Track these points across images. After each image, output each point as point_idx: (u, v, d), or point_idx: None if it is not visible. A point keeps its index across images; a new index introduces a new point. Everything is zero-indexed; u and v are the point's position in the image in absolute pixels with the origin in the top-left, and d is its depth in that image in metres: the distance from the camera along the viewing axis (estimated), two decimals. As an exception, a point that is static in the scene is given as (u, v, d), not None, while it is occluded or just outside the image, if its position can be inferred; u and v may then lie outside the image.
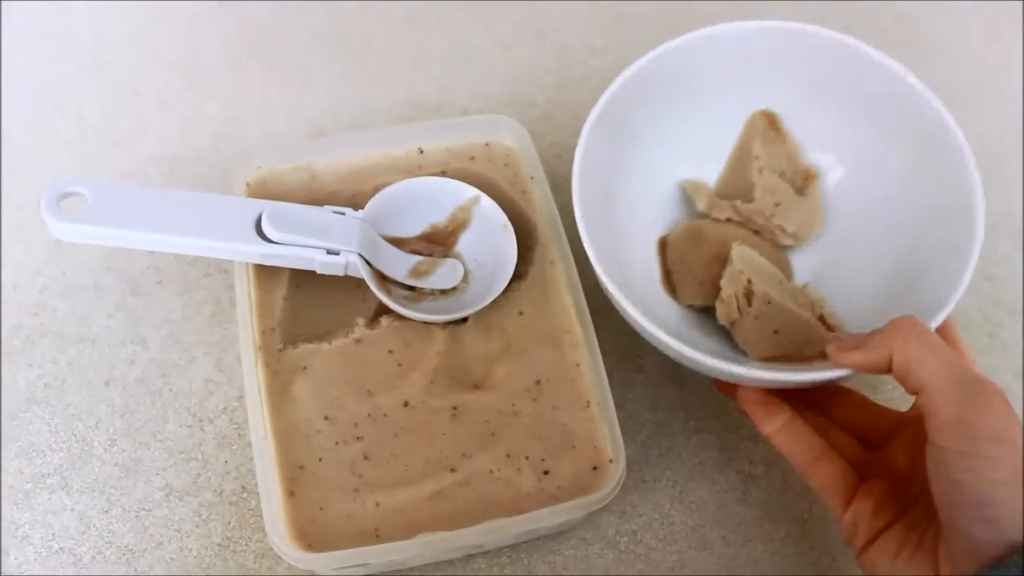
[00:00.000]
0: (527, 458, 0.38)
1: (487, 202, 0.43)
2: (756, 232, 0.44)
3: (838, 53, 0.42)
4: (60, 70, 0.53)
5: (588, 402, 0.39)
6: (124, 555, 0.40)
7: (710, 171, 0.46)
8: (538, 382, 0.39)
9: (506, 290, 0.41)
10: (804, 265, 0.45)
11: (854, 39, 0.42)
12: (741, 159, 0.45)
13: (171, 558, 0.40)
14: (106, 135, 0.51)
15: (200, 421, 0.43)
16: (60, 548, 0.40)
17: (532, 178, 0.44)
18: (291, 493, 0.37)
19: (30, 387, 0.43)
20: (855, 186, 0.44)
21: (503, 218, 0.42)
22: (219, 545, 0.40)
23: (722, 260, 0.43)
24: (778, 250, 0.45)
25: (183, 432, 0.43)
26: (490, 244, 0.43)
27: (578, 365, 0.39)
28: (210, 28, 0.55)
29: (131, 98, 0.52)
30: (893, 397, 0.45)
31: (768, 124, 0.45)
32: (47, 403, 0.43)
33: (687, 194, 0.46)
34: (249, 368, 0.39)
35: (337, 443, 0.38)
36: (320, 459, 0.37)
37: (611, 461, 0.38)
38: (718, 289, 0.42)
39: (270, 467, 0.37)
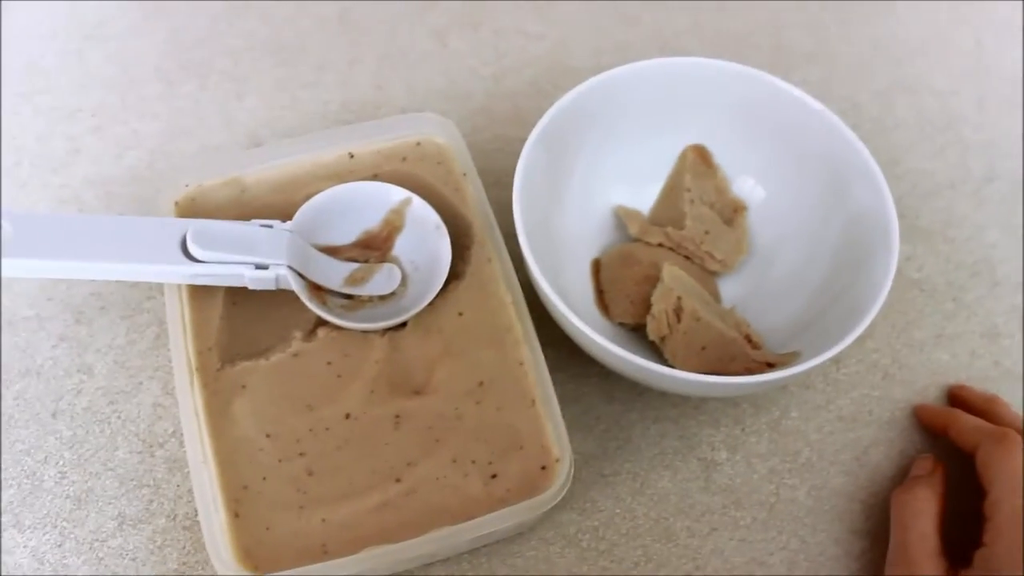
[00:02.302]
0: (473, 462, 0.37)
1: (419, 203, 0.42)
2: (686, 257, 0.45)
3: (754, 86, 0.44)
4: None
5: (533, 400, 0.38)
6: (80, 588, 0.39)
7: (644, 198, 0.47)
8: (481, 383, 0.38)
9: (444, 291, 0.40)
10: (730, 291, 0.46)
11: (764, 73, 0.43)
12: (673, 189, 0.47)
13: (127, 588, 0.39)
14: (42, 161, 0.50)
15: (150, 447, 0.42)
16: (15, 586, 0.39)
17: (465, 175, 0.43)
18: (236, 515, 0.36)
19: (-24, 425, 0.43)
20: (776, 210, 0.46)
21: (436, 218, 0.41)
22: (175, 572, 0.40)
23: (653, 281, 0.44)
24: (707, 275, 0.46)
25: (133, 459, 0.42)
26: (425, 246, 0.42)
27: (521, 363, 0.39)
28: (143, 43, 0.54)
29: (65, 122, 0.51)
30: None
31: (699, 158, 0.46)
32: (-6, 440, 0.42)
33: (621, 220, 0.47)
34: (184, 391, 0.38)
35: (280, 460, 0.37)
36: (264, 478, 0.36)
37: (557, 460, 0.37)
38: (648, 308, 0.43)
39: (213, 490, 0.36)
